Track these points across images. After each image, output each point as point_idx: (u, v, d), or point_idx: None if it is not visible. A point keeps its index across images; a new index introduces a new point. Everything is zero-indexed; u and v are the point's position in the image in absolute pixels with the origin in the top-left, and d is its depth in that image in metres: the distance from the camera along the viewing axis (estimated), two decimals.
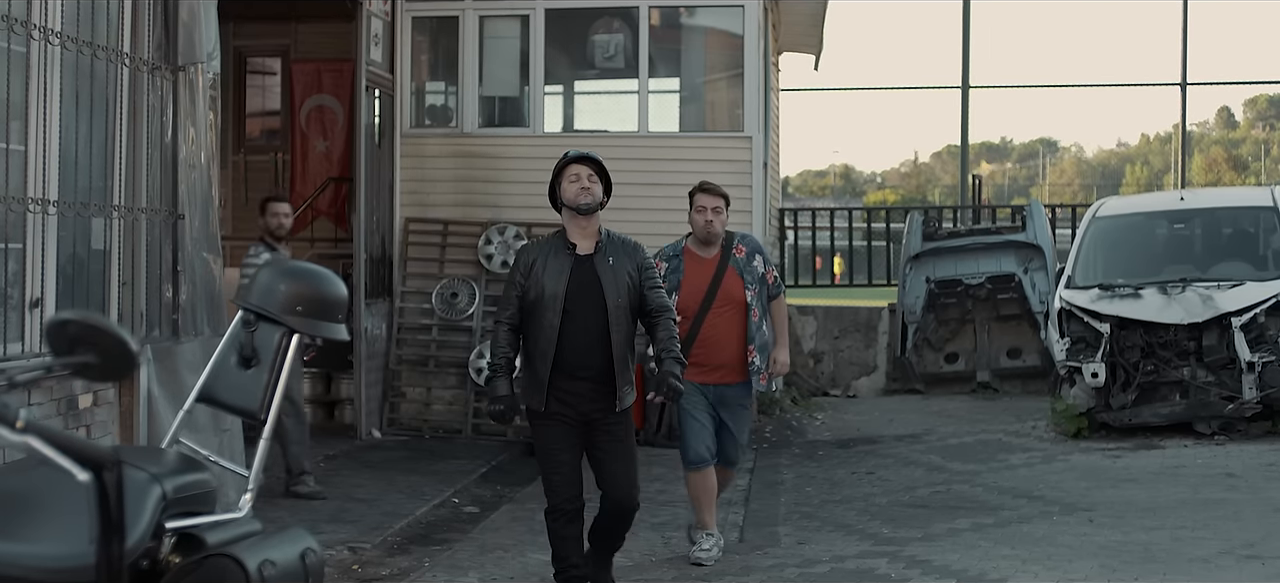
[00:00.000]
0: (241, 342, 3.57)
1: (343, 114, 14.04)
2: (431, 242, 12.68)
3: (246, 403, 3.57)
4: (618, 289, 6.45)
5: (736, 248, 7.87)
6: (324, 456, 10.88)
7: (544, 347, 6.43)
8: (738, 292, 7.77)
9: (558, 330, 6.40)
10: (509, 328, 6.52)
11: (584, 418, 6.49)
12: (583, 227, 6.53)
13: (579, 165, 6.56)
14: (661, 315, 6.57)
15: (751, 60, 12.66)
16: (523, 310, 6.50)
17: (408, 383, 12.53)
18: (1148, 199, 16.15)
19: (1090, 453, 11.22)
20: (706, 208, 7.80)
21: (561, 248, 6.52)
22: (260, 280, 3.60)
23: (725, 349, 7.73)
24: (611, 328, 6.44)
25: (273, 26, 14.93)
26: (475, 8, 12.79)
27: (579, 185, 6.51)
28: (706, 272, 7.79)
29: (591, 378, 6.45)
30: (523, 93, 13.03)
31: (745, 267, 7.82)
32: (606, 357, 6.45)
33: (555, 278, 6.43)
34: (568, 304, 6.40)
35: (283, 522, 8.24)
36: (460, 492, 9.78)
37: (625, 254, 6.56)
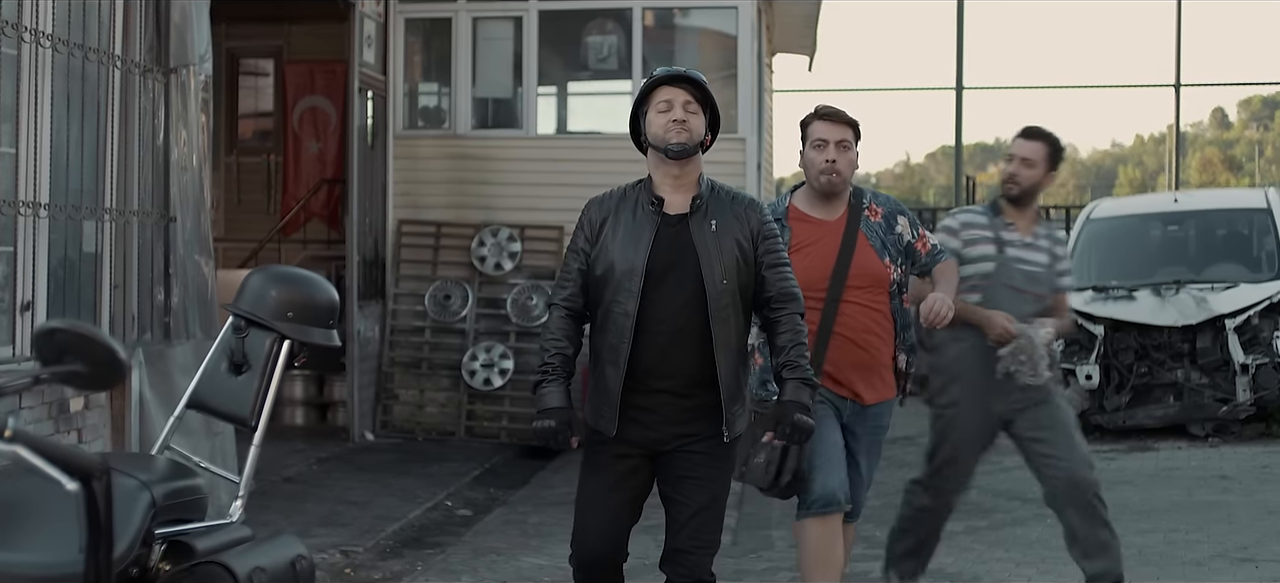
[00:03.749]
0: (232, 348, 3.56)
1: (335, 115, 14.03)
2: (424, 244, 12.66)
3: (237, 409, 3.56)
4: (723, 264, 4.59)
5: (869, 208, 5.60)
6: (316, 458, 10.87)
7: (615, 342, 4.59)
8: (877, 267, 5.52)
9: (635, 322, 4.57)
10: (565, 312, 4.68)
11: (656, 447, 4.66)
12: (676, 176, 4.68)
13: (673, 88, 4.70)
14: (787, 307, 4.68)
15: (745, 62, 12.65)
16: (587, 290, 4.70)
17: (401, 385, 12.50)
18: (1141, 201, 16.15)
19: None
20: (828, 142, 5.44)
21: (644, 203, 4.67)
22: (251, 286, 3.60)
23: (865, 352, 5.52)
24: (712, 319, 4.57)
25: (265, 28, 14.93)
26: (468, 9, 12.77)
27: (671, 117, 4.65)
28: (830, 239, 5.48)
29: (675, 391, 4.62)
30: (516, 94, 13.01)
31: (885, 234, 5.59)
32: (704, 361, 4.58)
33: (632, 246, 4.59)
34: (649, 285, 4.57)
35: (275, 525, 8.27)
36: (453, 495, 9.76)
37: (735, 215, 4.67)
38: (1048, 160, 6.28)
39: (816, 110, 5.52)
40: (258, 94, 15.87)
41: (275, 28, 14.98)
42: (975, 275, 6.16)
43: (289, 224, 14.50)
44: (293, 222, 14.48)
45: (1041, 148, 6.28)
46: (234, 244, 14.66)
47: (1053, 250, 6.34)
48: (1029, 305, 6.18)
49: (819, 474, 5.37)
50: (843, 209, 5.54)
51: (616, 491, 4.65)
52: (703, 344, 4.55)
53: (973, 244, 6.21)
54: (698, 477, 4.62)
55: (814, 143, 5.47)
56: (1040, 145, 6.27)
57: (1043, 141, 6.29)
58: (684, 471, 4.62)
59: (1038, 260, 6.26)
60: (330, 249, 14.03)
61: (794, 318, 4.67)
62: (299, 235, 14.66)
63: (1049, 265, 6.29)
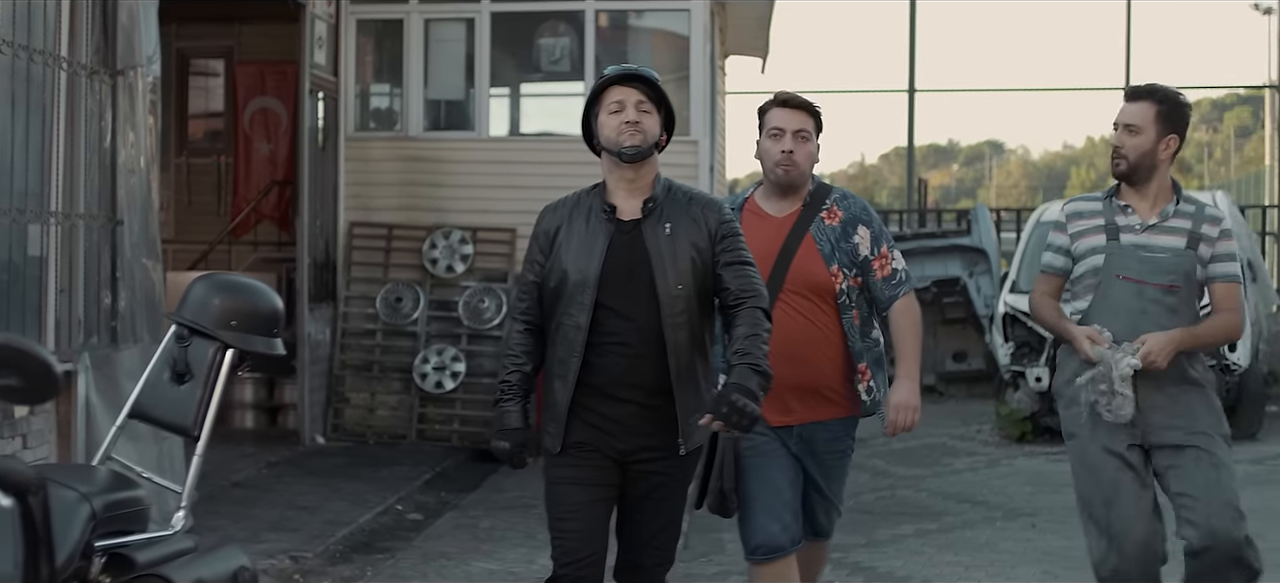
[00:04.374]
0: (174, 357, 3.52)
1: (286, 116, 13.94)
2: (376, 246, 12.60)
3: (180, 419, 3.53)
4: (677, 269, 4.42)
5: (828, 210, 5.12)
6: (266, 462, 10.80)
7: (565, 355, 4.46)
8: (818, 273, 5.05)
9: (587, 333, 4.43)
10: (525, 327, 4.57)
11: (622, 457, 4.53)
12: (630, 179, 4.50)
13: (625, 88, 4.51)
14: (747, 302, 4.46)
15: (698, 64, 12.65)
16: (543, 302, 4.58)
17: (352, 388, 12.44)
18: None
19: (1034, 457, 11.30)
20: (785, 131, 5.06)
21: (597, 210, 4.51)
22: (194, 294, 3.56)
23: (799, 368, 5.00)
24: (666, 327, 4.40)
25: (216, 28, 14.82)
26: (420, 11, 12.72)
27: (623, 118, 4.47)
28: (772, 238, 5.07)
29: (637, 402, 4.46)
30: (468, 96, 12.97)
31: (838, 241, 5.10)
32: (660, 371, 4.43)
33: (584, 256, 4.44)
34: (603, 294, 4.41)
35: (224, 531, 8.22)
36: (404, 499, 9.71)
37: (691, 217, 4.48)
38: (1159, 122, 5.17)
39: (775, 96, 5.12)
40: (208, 94, 15.76)
41: (226, 28, 14.87)
42: (1087, 273, 5.23)
43: (239, 226, 14.40)
44: (243, 223, 14.38)
45: (1148, 109, 5.18)
46: (184, 246, 14.55)
47: (1197, 230, 5.16)
48: (1151, 300, 5.10)
49: (758, 517, 5.01)
50: (796, 206, 5.11)
51: (590, 487, 4.50)
52: (660, 353, 4.39)
53: (1082, 236, 5.26)
54: (659, 498, 4.55)
55: (770, 131, 5.08)
56: (1146, 106, 5.19)
57: (1150, 101, 5.21)
58: (645, 491, 4.54)
59: (1163, 245, 5.13)
60: (281, 251, 13.95)
61: (754, 312, 4.44)
62: (250, 237, 14.57)
63: (1183, 250, 5.14)
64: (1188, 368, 5.15)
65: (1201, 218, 5.20)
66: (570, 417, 4.46)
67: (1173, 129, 5.20)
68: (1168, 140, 5.18)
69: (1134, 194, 5.23)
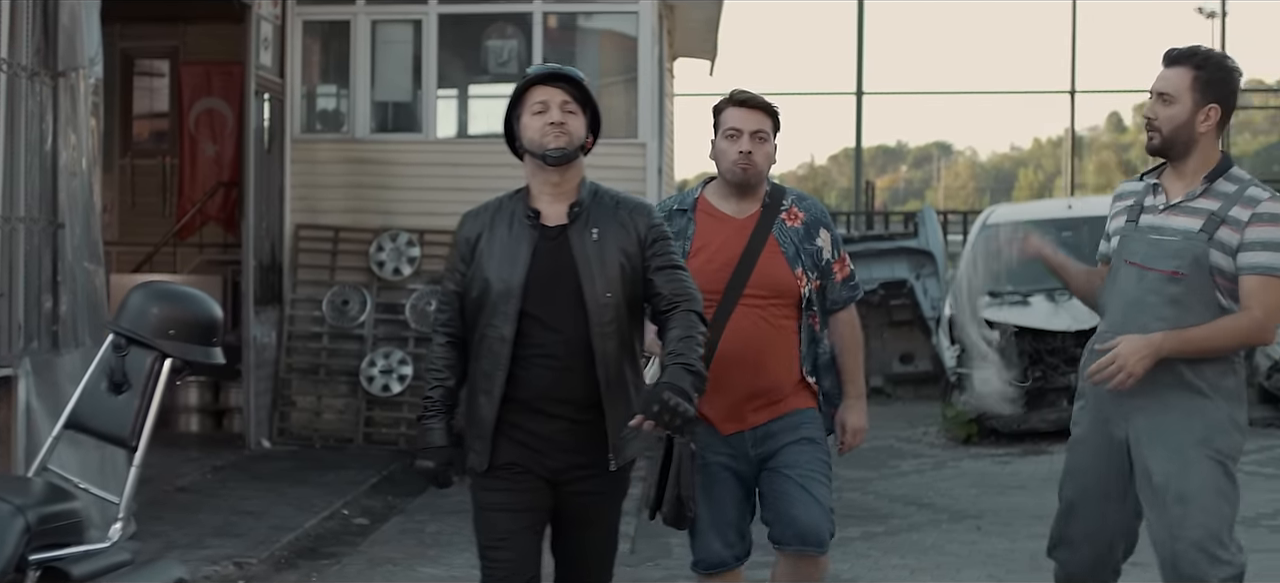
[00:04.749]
0: (112, 366, 3.48)
1: (232, 117, 13.84)
2: (322, 248, 12.53)
3: (117, 430, 3.49)
4: (606, 276, 4.25)
5: (788, 212, 4.94)
6: (211, 467, 10.73)
7: (490, 369, 4.25)
8: (783, 276, 4.86)
9: (512, 345, 4.23)
10: (447, 340, 4.37)
11: (552, 476, 4.32)
12: (555, 184, 4.32)
13: (549, 88, 4.33)
14: (681, 305, 4.29)
15: (646, 66, 12.65)
16: (465, 313, 4.37)
17: (298, 392, 12.37)
18: (1036, 207, 16.40)
19: (980, 459, 11.36)
20: (742, 132, 4.86)
21: (520, 216, 4.32)
22: (131, 303, 3.52)
23: (761, 371, 4.84)
24: (595, 337, 4.22)
25: (160, 28, 14.69)
26: (367, 12, 12.66)
27: (547, 119, 4.28)
28: (733, 239, 4.88)
29: (567, 417, 4.26)
30: (416, 98, 12.92)
31: (801, 243, 4.93)
32: (589, 384, 4.23)
33: (508, 264, 4.25)
34: (528, 303, 4.22)
35: (168, 537, 8.15)
36: (350, 503, 9.66)
37: (620, 222, 4.31)
38: (1197, 90, 4.50)
39: (731, 95, 4.93)
40: (153, 95, 15.63)
41: (170, 28, 14.75)
42: (1111, 257, 4.75)
43: (185, 227, 14.30)
44: (189, 225, 14.28)
45: (1184, 75, 4.53)
46: (128, 248, 14.44)
47: (1223, 213, 4.46)
48: (1150, 288, 4.52)
49: (702, 536, 4.86)
50: (756, 207, 4.91)
51: (520, 511, 4.29)
52: (589, 365, 4.20)
53: (1115, 218, 4.76)
54: (593, 517, 4.38)
55: (726, 132, 4.88)
56: (1182, 72, 4.54)
57: (1187, 65, 4.54)
58: (579, 510, 4.35)
59: (1176, 226, 4.50)
60: (227, 253, 13.85)
61: (689, 315, 4.26)
62: (195, 239, 14.47)
63: (1196, 233, 4.47)
64: (1188, 373, 4.48)
65: (1236, 199, 4.47)
66: (496, 434, 4.26)
67: (1214, 98, 4.51)
68: (1207, 111, 4.51)
69: (1171, 173, 4.62)
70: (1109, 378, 4.34)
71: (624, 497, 4.46)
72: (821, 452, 4.92)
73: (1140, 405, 4.50)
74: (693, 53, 17.03)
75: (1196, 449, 4.45)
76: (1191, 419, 4.48)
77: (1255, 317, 4.41)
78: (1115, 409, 4.55)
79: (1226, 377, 4.53)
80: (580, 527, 4.37)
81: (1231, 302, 4.46)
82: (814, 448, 4.89)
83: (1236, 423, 4.54)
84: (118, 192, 14.80)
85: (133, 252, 14.35)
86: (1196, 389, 4.50)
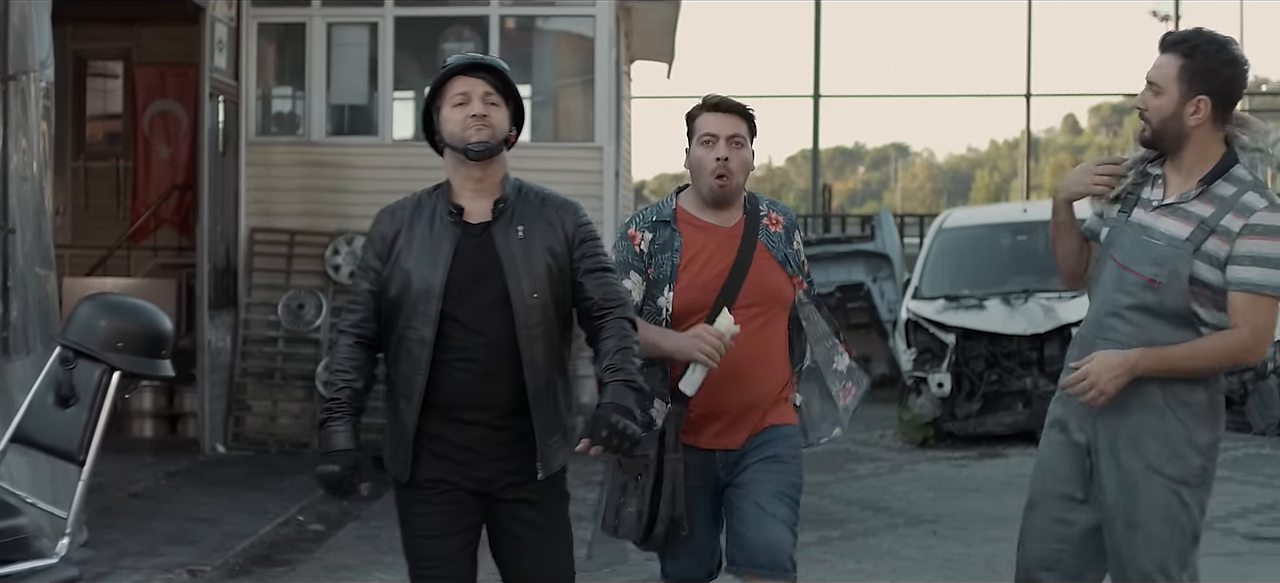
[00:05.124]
0: (59, 380, 3.44)
1: (187, 120, 13.75)
2: (277, 252, 12.46)
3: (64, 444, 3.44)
4: (532, 276, 4.03)
5: (768, 217, 4.74)
6: (165, 472, 10.66)
7: (409, 373, 4.03)
8: (778, 283, 4.68)
9: (433, 348, 4.00)
10: (354, 340, 4.11)
11: (480, 487, 4.10)
12: (477, 179, 4.10)
13: (470, 78, 4.09)
14: (612, 312, 4.10)
15: (603, 70, 12.63)
16: (379, 314, 4.12)
17: (253, 396, 12.30)
18: (992, 211, 16.46)
19: (937, 462, 11.39)
20: (718, 137, 4.62)
21: (441, 212, 4.08)
22: (79, 316, 3.48)
23: (751, 384, 4.61)
24: (522, 341, 4.01)
25: (114, 29, 14.59)
26: (323, 14, 12.60)
27: (468, 112, 4.05)
28: (723, 248, 4.65)
29: (490, 424, 4.05)
30: (372, 100, 12.87)
31: (786, 248, 4.74)
32: (515, 389, 4.02)
33: (428, 263, 4.02)
34: (449, 305, 4.00)
35: (121, 544, 8.08)
36: (305, 509, 9.60)
37: (546, 219, 4.11)
38: (1184, 80, 4.14)
39: (705, 101, 4.69)
40: (106, 97, 15.52)
41: (124, 29, 14.64)
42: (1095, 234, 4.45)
43: (139, 230, 14.20)
44: (143, 228, 14.18)
45: (1171, 63, 4.16)
46: (82, 251, 14.33)
47: (1213, 222, 4.11)
48: (1126, 290, 4.22)
49: (669, 558, 4.65)
50: (739, 214, 4.68)
51: (451, 534, 4.09)
52: (514, 369, 3.99)
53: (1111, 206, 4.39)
54: (530, 523, 4.09)
55: (702, 139, 4.63)
56: (1170, 59, 4.17)
57: (1176, 53, 4.17)
58: (517, 526, 4.10)
59: (1164, 230, 4.17)
60: (181, 256, 13.76)
61: (620, 322, 4.09)
62: (149, 242, 14.37)
63: (1182, 241, 4.14)
64: (1153, 385, 4.18)
65: (1231, 206, 4.11)
66: (417, 445, 4.04)
67: (1204, 89, 4.13)
68: (1197, 102, 4.13)
69: (1171, 166, 4.26)
70: (1082, 393, 4.15)
71: (565, 505, 4.20)
72: (790, 471, 4.63)
73: (1102, 413, 4.24)
74: (650, 55, 17.03)
75: (1147, 475, 4.18)
76: (1145, 439, 4.19)
77: (1242, 336, 4.11)
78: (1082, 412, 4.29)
79: (1195, 391, 4.21)
80: (522, 542, 4.10)
81: (1212, 311, 4.15)
82: (781, 467, 4.61)
83: (1195, 444, 4.20)
84: (71, 194, 14.69)
85: (86, 255, 14.23)
86: (1157, 406, 4.20)
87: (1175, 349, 4.13)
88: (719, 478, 4.64)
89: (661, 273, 4.59)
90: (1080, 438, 4.31)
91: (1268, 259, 4.07)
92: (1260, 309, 4.10)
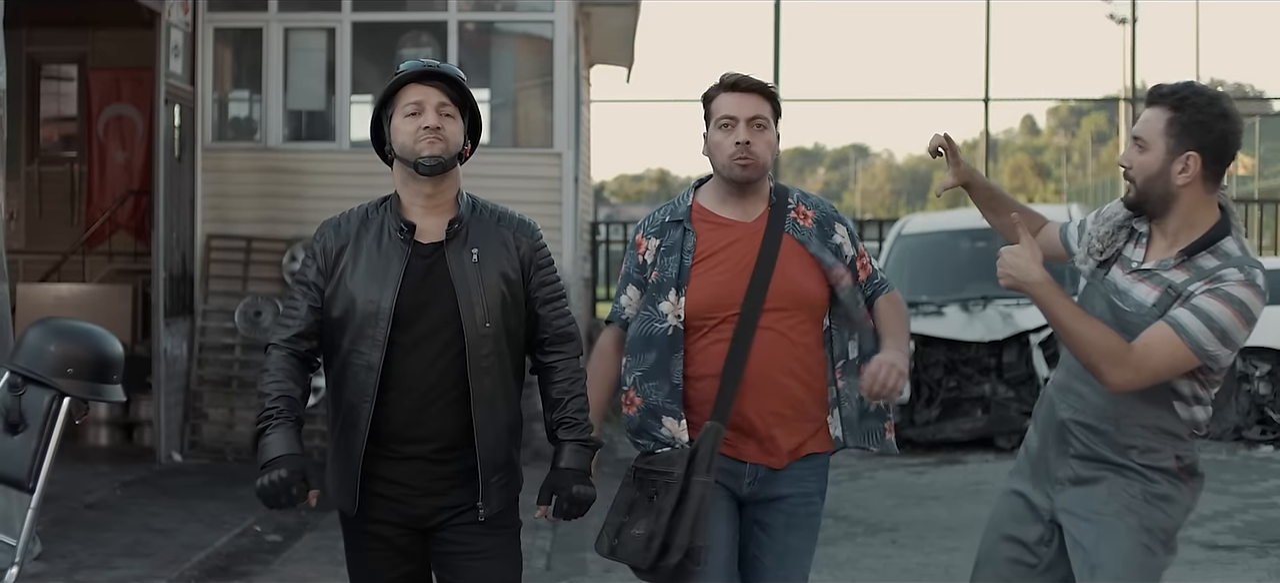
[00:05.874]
0: (8, 406, 3.39)
1: (143, 124, 13.65)
2: (234, 259, 12.39)
3: (13, 471, 3.39)
4: (486, 303, 3.77)
5: (795, 209, 4.27)
6: (120, 482, 10.55)
7: (355, 400, 3.77)
8: (807, 285, 4.20)
9: (380, 374, 3.74)
10: (286, 353, 3.83)
11: (420, 524, 3.84)
12: (428, 195, 3.82)
13: (423, 87, 3.80)
14: (562, 350, 3.90)
15: (562, 76, 12.61)
16: (320, 333, 3.86)
17: (210, 404, 12.22)
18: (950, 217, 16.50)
19: (896, 469, 11.41)
20: (737, 120, 4.17)
21: (391, 229, 3.81)
22: (28, 341, 3.42)
23: (782, 394, 4.18)
24: (472, 372, 3.75)
25: (69, 33, 14.46)
26: (280, 20, 12.53)
27: (421, 123, 3.76)
28: (744, 245, 4.21)
29: (428, 457, 3.79)
30: (329, 106, 12.80)
31: (822, 243, 4.26)
32: (461, 423, 3.76)
33: (376, 284, 3.75)
34: (397, 330, 3.73)
35: (75, 557, 8.00)
36: (262, 519, 9.52)
37: (501, 241, 3.84)
38: (1171, 135, 3.76)
39: (722, 80, 4.25)
40: (61, 100, 15.40)
41: (79, 33, 14.52)
42: None
43: (94, 235, 14.08)
44: (98, 233, 14.06)
45: (1158, 118, 3.79)
46: (36, 256, 14.19)
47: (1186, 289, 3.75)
48: None
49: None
50: (763, 207, 4.25)
51: (393, 571, 3.88)
52: (459, 401, 3.73)
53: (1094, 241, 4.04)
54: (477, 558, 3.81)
55: (720, 122, 4.19)
56: (1158, 113, 3.80)
57: (1164, 105, 3.79)
58: (458, 558, 3.82)
59: (1137, 298, 3.83)
60: (137, 262, 13.65)
61: (572, 362, 3.88)
62: (104, 247, 14.24)
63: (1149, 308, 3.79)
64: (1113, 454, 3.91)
65: (1207, 276, 3.75)
66: (364, 477, 3.77)
67: (1193, 145, 3.75)
68: (1185, 159, 3.75)
69: (1156, 227, 3.89)
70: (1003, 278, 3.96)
71: (513, 535, 3.90)
72: (814, 519, 4.29)
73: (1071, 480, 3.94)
74: (610, 60, 17.02)
75: (1116, 518, 3.85)
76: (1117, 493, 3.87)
77: (1128, 354, 3.72)
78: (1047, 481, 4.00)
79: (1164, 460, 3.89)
80: (461, 573, 3.83)
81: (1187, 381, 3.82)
82: (806, 518, 4.26)
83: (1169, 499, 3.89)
84: (24, 198, 14.55)
85: (40, 260, 14.11)
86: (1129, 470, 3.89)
87: (1068, 304, 3.82)
88: (744, 492, 4.22)
89: (666, 277, 4.17)
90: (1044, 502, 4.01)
91: (1211, 319, 3.69)
92: (1165, 351, 3.70)
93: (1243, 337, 3.73)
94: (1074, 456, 3.93)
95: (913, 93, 50.02)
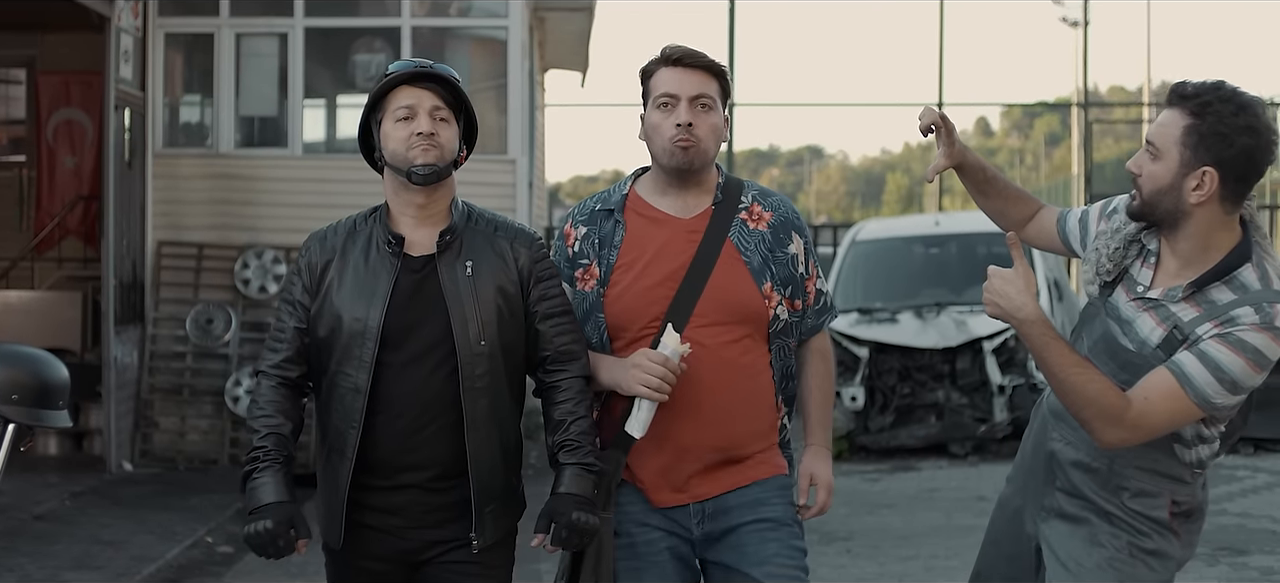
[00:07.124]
0: None
1: (93, 129, 13.50)
2: (185, 266, 12.29)
3: None
4: (480, 320, 3.51)
5: (749, 209, 3.71)
6: (70, 492, 10.43)
7: (341, 425, 3.54)
8: (745, 295, 3.64)
9: (368, 397, 3.50)
10: (277, 382, 3.60)
11: (411, 558, 3.61)
12: (420, 205, 3.58)
13: (416, 89, 3.55)
14: (567, 370, 3.59)
15: (516, 81, 12.58)
16: (310, 353, 3.62)
17: (161, 412, 12.11)
18: (904, 223, 16.61)
19: (851, 476, 11.42)
20: (679, 98, 3.62)
21: (379, 241, 3.57)
22: None
23: (718, 425, 3.62)
24: (465, 393, 3.50)
25: (17, 36, 14.28)
26: (231, 25, 12.44)
27: (414, 128, 3.52)
28: (677, 245, 3.66)
29: (423, 485, 3.55)
30: (282, 111, 12.72)
31: (770, 250, 3.69)
32: (454, 448, 3.52)
33: (363, 301, 3.52)
34: (386, 350, 3.50)
35: (23, 571, 7.91)
36: (214, 530, 9.46)
37: (497, 252, 3.58)
38: (1186, 144, 3.28)
39: (663, 53, 3.71)
40: (9, 104, 15.24)
41: (28, 36, 14.34)
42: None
43: (43, 241, 13.91)
44: (47, 239, 13.89)
45: (1175, 123, 3.31)
46: None
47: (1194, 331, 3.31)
48: None
49: None
50: (707, 203, 3.69)
51: None
52: (453, 425, 3.49)
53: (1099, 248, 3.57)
54: None
55: (659, 101, 3.65)
56: (1175, 117, 3.31)
57: (1183, 109, 3.30)
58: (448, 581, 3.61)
59: (1140, 331, 3.41)
60: (87, 268, 13.51)
61: (577, 382, 3.56)
62: (54, 253, 14.08)
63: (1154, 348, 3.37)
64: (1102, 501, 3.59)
65: (1218, 315, 3.30)
66: (349, 508, 3.54)
67: (1210, 158, 3.27)
68: (1201, 175, 3.28)
69: (1167, 245, 3.43)
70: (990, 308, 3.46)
71: (508, 571, 3.69)
72: (792, 537, 3.66)
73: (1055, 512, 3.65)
74: (564, 65, 17.01)
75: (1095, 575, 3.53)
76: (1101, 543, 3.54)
77: (1125, 409, 3.32)
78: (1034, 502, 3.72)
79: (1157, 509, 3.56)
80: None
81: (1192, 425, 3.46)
82: (783, 535, 3.64)
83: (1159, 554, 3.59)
84: None
85: None
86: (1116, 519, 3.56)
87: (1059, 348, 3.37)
88: (691, 543, 3.69)
89: (595, 274, 3.70)
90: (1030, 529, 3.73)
91: (1220, 370, 3.27)
92: (1166, 407, 3.31)
93: (1256, 381, 3.32)
94: (1060, 489, 3.61)
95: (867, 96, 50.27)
